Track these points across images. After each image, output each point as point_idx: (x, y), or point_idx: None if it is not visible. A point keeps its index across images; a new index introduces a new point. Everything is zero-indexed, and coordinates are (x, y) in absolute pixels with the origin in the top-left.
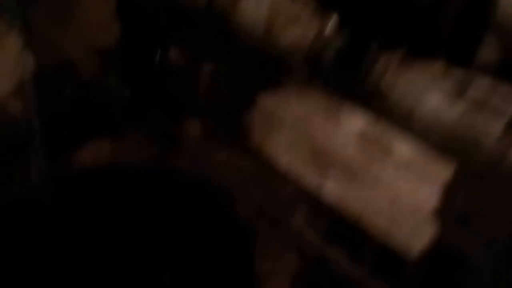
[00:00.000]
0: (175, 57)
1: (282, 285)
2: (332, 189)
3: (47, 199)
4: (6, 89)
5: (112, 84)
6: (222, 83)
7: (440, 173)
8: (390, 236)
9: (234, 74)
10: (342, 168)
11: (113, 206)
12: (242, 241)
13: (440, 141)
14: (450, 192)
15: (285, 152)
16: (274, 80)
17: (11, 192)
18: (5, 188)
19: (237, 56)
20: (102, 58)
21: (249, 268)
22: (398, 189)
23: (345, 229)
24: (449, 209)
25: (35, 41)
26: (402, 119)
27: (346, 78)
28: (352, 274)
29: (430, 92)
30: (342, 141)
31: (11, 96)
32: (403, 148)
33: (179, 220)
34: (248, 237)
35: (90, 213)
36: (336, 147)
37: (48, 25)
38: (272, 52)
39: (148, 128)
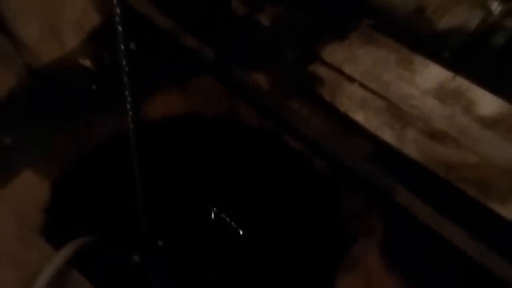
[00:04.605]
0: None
1: (371, 250)
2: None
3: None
4: (75, 42)
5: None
6: (284, 34)
7: None
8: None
9: (295, 24)
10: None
11: (186, 158)
12: (323, 197)
13: None
14: None
15: (359, 107)
16: (338, 31)
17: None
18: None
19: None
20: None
21: (334, 226)
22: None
23: (434, 184)
24: None
25: None
26: None
27: None
28: (444, 231)
29: None
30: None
31: (81, 47)
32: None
33: (254, 173)
34: (330, 193)
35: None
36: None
37: None
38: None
39: (216, 79)
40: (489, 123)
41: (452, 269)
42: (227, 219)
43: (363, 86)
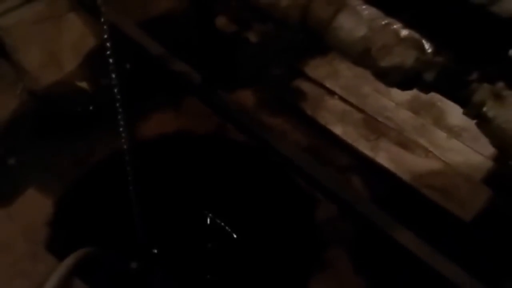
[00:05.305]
0: (222, 25)
1: (342, 254)
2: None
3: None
4: (73, 65)
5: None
6: (268, 52)
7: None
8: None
9: (280, 42)
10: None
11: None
12: (301, 208)
13: None
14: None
15: (338, 120)
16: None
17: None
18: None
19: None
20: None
21: (310, 235)
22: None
23: (401, 194)
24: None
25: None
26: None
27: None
28: (408, 240)
29: None
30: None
31: (78, 70)
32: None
33: (240, 184)
34: (307, 205)
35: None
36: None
37: None
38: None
39: (202, 101)
40: (457, 132)
41: (414, 274)
42: (222, 223)
43: (342, 99)
